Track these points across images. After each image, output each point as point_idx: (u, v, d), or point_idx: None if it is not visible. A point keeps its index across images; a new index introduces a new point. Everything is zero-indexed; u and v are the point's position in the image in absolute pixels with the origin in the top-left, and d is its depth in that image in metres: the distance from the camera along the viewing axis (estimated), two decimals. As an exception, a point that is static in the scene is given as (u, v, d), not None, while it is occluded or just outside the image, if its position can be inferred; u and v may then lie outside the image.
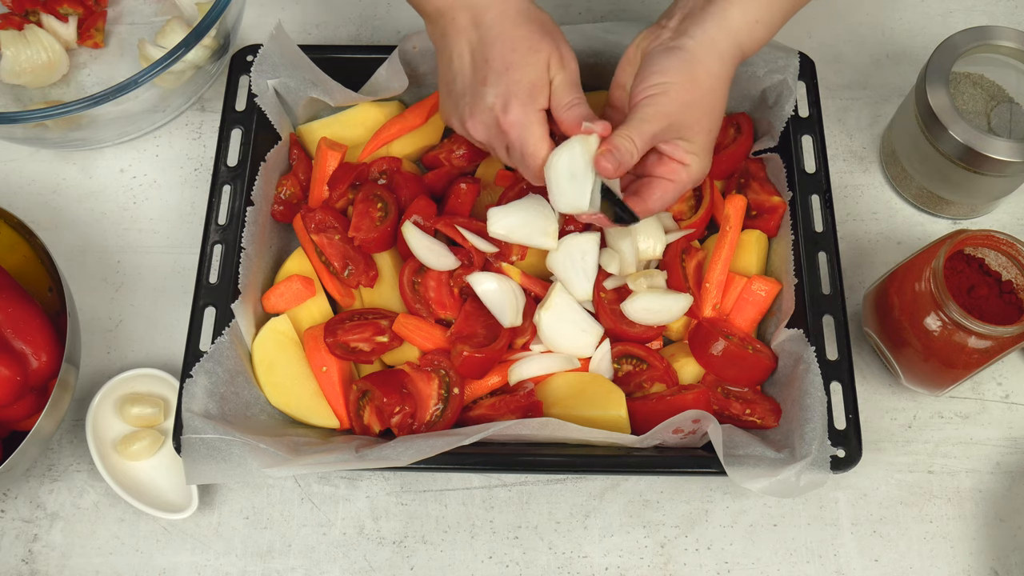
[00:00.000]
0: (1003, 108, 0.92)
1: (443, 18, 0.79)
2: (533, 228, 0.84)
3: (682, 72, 0.76)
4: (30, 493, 0.88)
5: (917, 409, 0.90)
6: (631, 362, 0.86)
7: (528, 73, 0.76)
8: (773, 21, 0.79)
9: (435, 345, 0.85)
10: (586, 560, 0.85)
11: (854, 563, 0.85)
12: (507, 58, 0.76)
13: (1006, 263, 0.81)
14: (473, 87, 0.78)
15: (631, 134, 0.75)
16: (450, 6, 0.78)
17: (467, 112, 0.79)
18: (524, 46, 0.77)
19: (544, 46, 0.77)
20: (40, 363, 0.82)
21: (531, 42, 0.77)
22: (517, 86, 0.76)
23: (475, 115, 0.78)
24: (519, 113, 0.76)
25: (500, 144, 0.79)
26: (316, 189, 0.93)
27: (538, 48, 0.77)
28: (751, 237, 0.90)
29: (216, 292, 0.85)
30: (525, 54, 0.76)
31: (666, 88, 0.75)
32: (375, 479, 0.88)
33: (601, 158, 0.74)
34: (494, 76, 0.77)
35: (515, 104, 0.76)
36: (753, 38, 0.78)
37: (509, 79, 0.76)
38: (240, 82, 0.94)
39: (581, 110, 0.77)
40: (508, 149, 0.79)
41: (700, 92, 0.76)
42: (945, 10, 1.09)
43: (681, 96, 0.75)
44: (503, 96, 0.76)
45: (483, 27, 0.77)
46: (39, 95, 1.04)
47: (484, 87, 0.77)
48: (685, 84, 0.75)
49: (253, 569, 0.85)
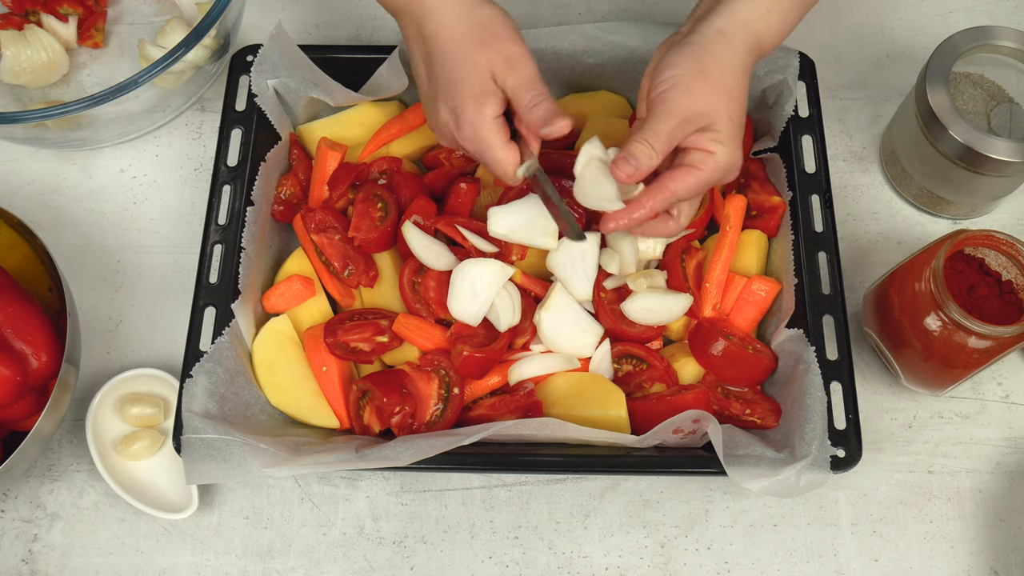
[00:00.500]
0: (1003, 108, 0.92)
1: (400, 22, 0.80)
2: (533, 228, 0.84)
3: (689, 63, 0.75)
4: (30, 493, 0.88)
5: (917, 409, 0.90)
6: (631, 362, 0.86)
7: (470, 87, 0.76)
8: (787, 8, 0.78)
9: (435, 345, 0.85)
10: (586, 560, 0.85)
11: (854, 563, 0.85)
12: (449, 73, 0.77)
13: (1006, 263, 0.81)
14: (430, 102, 0.80)
15: (646, 136, 0.74)
16: (399, 11, 0.79)
17: (432, 123, 0.81)
18: (461, 59, 0.76)
19: (482, 57, 0.76)
20: (40, 363, 0.82)
21: (467, 54, 0.76)
22: (461, 100, 0.76)
23: (437, 128, 0.80)
24: (469, 128, 0.77)
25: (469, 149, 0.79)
26: (316, 189, 0.93)
27: (475, 61, 0.76)
28: (751, 237, 0.90)
29: (216, 292, 0.85)
30: (464, 68, 0.76)
31: (676, 81, 0.74)
32: (375, 479, 0.88)
33: (615, 166, 0.74)
34: (443, 92, 0.77)
35: (464, 119, 0.76)
36: (768, 26, 0.77)
37: (454, 94, 0.76)
38: (240, 82, 0.94)
39: (543, 109, 0.76)
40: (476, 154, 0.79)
41: (710, 80, 0.75)
42: (945, 10, 1.09)
43: (691, 86, 0.74)
44: (453, 111, 0.77)
45: (427, 39, 0.78)
46: (39, 95, 1.04)
47: (436, 103, 0.78)
48: (694, 74, 0.74)
49: (253, 569, 0.85)
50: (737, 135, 0.77)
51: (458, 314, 0.84)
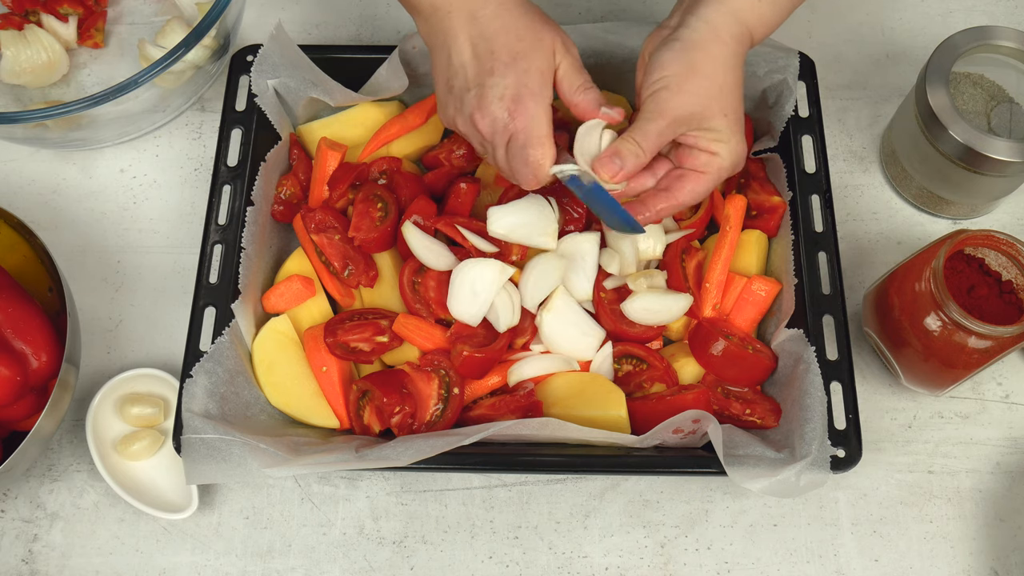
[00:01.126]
0: (1003, 108, 0.92)
1: (438, 12, 0.77)
2: (533, 228, 0.84)
3: (680, 63, 0.75)
4: (30, 493, 0.88)
5: (917, 409, 0.90)
6: (631, 362, 0.86)
7: (536, 61, 0.75)
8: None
9: (435, 345, 0.85)
10: (586, 560, 0.85)
11: (854, 563, 0.85)
12: (514, 48, 0.75)
13: (1006, 263, 0.81)
14: (479, 79, 0.76)
15: (634, 135, 0.74)
16: (446, 1, 0.77)
17: (474, 105, 0.76)
18: (530, 35, 0.75)
19: (547, 33, 0.76)
20: (40, 363, 0.82)
21: (535, 30, 0.76)
22: (527, 75, 0.75)
23: (483, 107, 0.76)
24: (531, 104, 0.74)
25: (502, 140, 0.77)
26: (316, 189, 0.93)
27: (543, 36, 0.76)
28: (751, 237, 0.90)
29: (216, 292, 0.85)
30: (532, 42, 0.75)
31: (666, 82, 0.74)
32: (375, 479, 0.88)
33: (599, 165, 0.74)
34: (501, 67, 0.75)
35: (527, 95, 0.74)
36: (759, 16, 0.77)
37: (518, 68, 0.75)
38: (240, 82, 0.94)
39: (595, 93, 0.76)
40: (509, 145, 0.76)
41: (701, 78, 0.75)
42: (945, 10, 1.09)
43: (682, 86, 0.74)
44: (513, 87, 0.75)
45: (483, 20, 0.76)
46: (39, 95, 1.04)
47: (492, 78, 0.75)
48: (684, 74, 0.74)
49: (253, 569, 0.85)
50: (736, 128, 0.77)
51: (458, 314, 0.84)
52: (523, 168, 0.77)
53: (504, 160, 0.78)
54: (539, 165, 0.76)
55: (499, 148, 0.77)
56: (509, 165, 0.78)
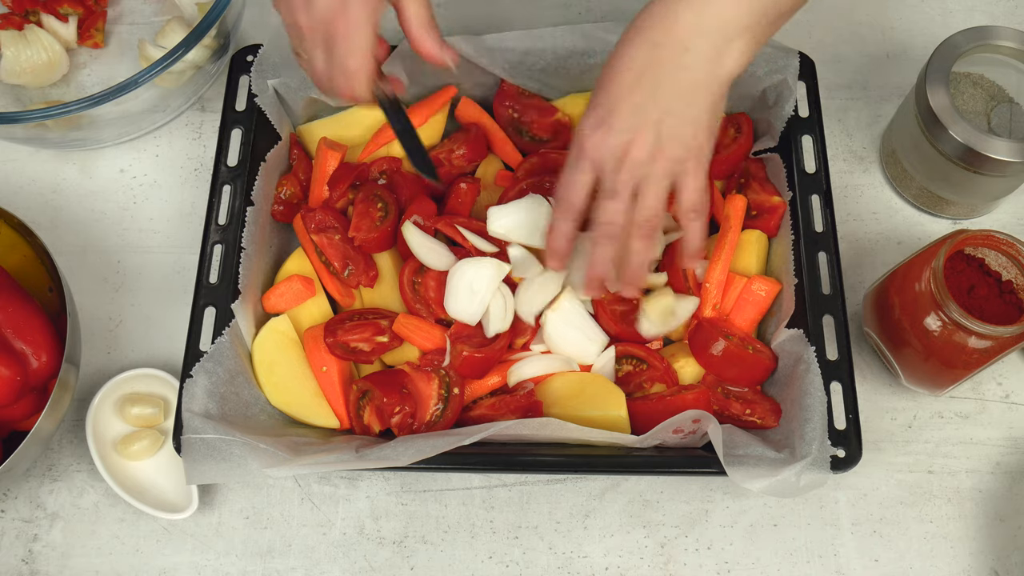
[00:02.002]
0: (1003, 108, 0.92)
1: None
2: (533, 228, 0.84)
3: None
4: (30, 493, 0.88)
5: (917, 409, 0.90)
6: (631, 362, 0.86)
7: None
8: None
9: (435, 345, 0.85)
10: (586, 560, 0.85)
11: (854, 563, 0.85)
12: None
13: (1006, 263, 0.81)
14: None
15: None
16: None
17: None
18: None
19: None
20: (40, 363, 0.82)
21: None
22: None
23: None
24: (357, 9, 0.71)
25: (322, 39, 0.73)
26: (316, 189, 0.93)
27: None
28: (751, 237, 0.90)
29: (216, 292, 0.85)
30: None
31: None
32: (375, 479, 0.88)
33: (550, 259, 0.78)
34: None
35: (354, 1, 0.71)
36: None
37: None
38: (240, 82, 0.94)
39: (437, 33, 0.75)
40: (330, 48, 0.73)
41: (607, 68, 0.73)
42: (945, 10, 1.09)
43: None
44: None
45: None
46: (39, 95, 1.04)
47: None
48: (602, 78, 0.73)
49: (253, 569, 0.85)
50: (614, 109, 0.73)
51: (456, 314, 0.84)
52: (340, 77, 0.75)
53: (323, 63, 0.75)
54: (355, 75, 0.74)
55: (317, 47, 0.75)
56: (328, 70, 0.75)
